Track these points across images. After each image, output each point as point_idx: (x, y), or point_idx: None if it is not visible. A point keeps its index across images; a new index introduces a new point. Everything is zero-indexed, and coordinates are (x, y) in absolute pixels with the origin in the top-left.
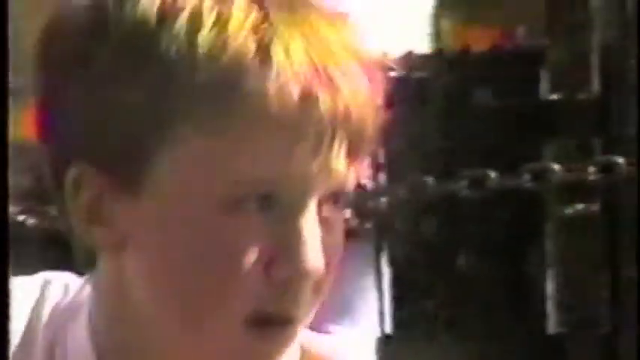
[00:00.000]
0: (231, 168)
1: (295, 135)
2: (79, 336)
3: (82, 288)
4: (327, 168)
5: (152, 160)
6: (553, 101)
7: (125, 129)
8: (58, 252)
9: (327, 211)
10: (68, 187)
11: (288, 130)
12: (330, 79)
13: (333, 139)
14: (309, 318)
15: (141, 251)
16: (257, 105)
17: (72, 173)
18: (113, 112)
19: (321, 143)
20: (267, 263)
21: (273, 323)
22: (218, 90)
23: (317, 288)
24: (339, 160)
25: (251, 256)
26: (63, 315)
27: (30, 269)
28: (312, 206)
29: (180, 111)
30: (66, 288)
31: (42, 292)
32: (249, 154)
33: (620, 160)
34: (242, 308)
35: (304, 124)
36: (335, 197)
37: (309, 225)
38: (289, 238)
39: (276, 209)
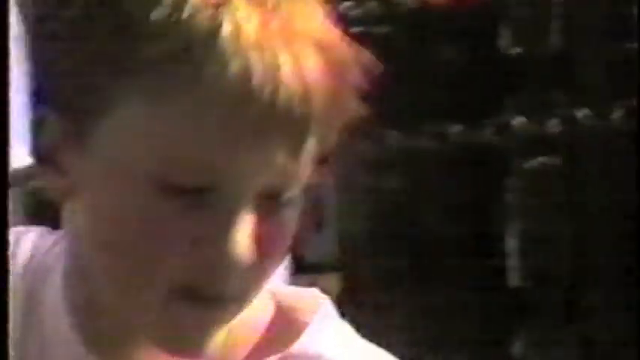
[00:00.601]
0: (169, 147)
1: (238, 125)
2: (54, 292)
3: (56, 241)
4: (272, 163)
5: (99, 118)
6: (515, 55)
7: (79, 82)
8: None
9: (268, 205)
10: (32, 128)
11: (230, 118)
12: (289, 68)
13: (283, 133)
14: (249, 299)
15: (83, 205)
16: (201, 86)
17: (36, 116)
18: (70, 63)
19: (267, 136)
20: (193, 244)
21: (200, 299)
22: (165, 64)
23: (253, 275)
24: (287, 155)
25: (178, 236)
26: (38, 269)
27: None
28: (249, 200)
29: (126, 75)
30: (39, 242)
31: (14, 248)
32: (189, 136)
33: (582, 113)
34: (166, 281)
35: (250, 114)
36: (280, 192)
37: (243, 218)
38: (219, 228)
39: (211, 197)
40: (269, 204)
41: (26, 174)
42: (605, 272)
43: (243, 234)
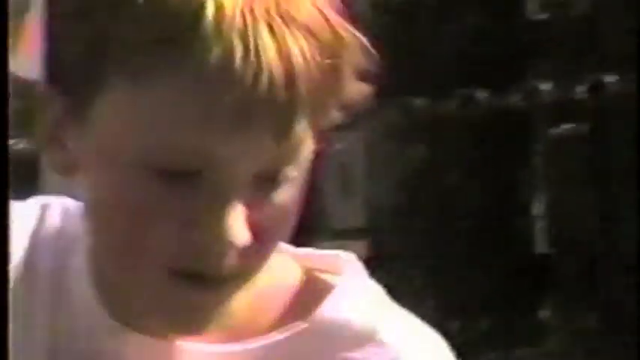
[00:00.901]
0: (153, 131)
1: (221, 109)
2: (79, 266)
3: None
4: (259, 147)
5: (93, 97)
6: (542, 20)
7: (77, 59)
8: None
9: (265, 186)
10: (36, 105)
11: (213, 103)
12: (273, 52)
13: (267, 117)
14: (250, 277)
15: (83, 181)
16: (184, 70)
17: (40, 92)
18: (70, 40)
19: (251, 121)
20: (184, 225)
21: (199, 280)
22: (149, 47)
23: (252, 255)
24: (275, 139)
25: (166, 216)
26: (64, 242)
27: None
28: (241, 183)
29: (117, 58)
30: (65, 213)
31: (41, 217)
32: (172, 121)
33: (610, 78)
34: (159, 261)
35: (232, 99)
36: (275, 173)
37: (234, 201)
38: (209, 211)
39: (200, 181)
40: (265, 185)
41: None
42: (631, 239)
43: (235, 217)
